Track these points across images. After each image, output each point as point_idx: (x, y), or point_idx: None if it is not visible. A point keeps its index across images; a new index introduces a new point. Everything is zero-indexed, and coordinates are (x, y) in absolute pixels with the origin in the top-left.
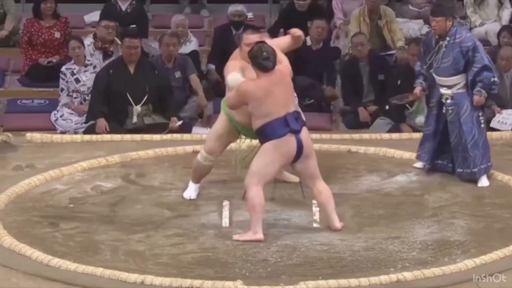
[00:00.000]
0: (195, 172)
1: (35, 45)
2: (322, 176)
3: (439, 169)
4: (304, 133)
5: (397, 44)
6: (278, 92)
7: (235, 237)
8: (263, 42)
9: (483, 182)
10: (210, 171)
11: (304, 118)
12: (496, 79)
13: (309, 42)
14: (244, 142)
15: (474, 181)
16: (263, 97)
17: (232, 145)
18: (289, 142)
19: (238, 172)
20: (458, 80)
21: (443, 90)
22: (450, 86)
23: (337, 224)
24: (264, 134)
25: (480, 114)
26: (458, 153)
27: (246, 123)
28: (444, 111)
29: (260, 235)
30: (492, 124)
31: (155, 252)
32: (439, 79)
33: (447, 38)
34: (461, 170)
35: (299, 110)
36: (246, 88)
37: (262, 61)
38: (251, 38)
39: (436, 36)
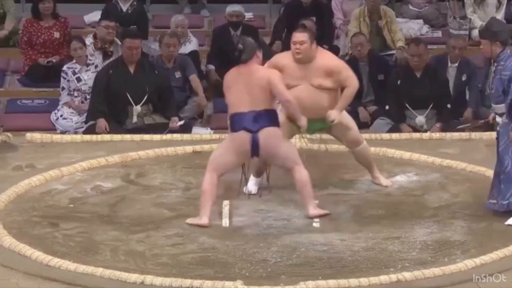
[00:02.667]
0: (252, 166)
1: (35, 45)
2: (322, 176)
3: None
4: (264, 134)
5: (397, 44)
6: (243, 87)
7: (187, 221)
8: (252, 36)
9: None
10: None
11: (279, 119)
12: None
13: None
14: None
15: (503, 212)
16: (227, 86)
17: None
18: (242, 140)
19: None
20: (504, 109)
21: (497, 118)
22: (500, 114)
23: (311, 211)
24: (228, 123)
25: None
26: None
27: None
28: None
29: (204, 220)
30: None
31: (155, 252)
32: (492, 105)
33: (495, 64)
34: (494, 201)
35: (276, 111)
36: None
37: (236, 51)
38: (297, 36)
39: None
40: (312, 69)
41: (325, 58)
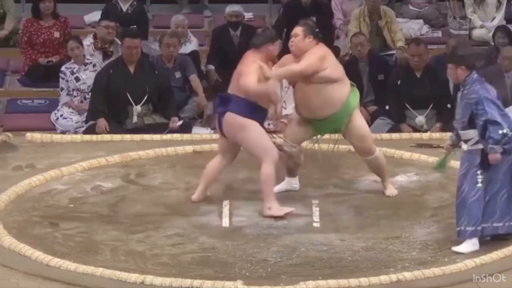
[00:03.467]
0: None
1: (35, 45)
2: (322, 176)
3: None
4: (226, 117)
5: (397, 44)
6: (236, 70)
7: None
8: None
9: (461, 247)
10: (298, 160)
11: (244, 108)
12: (505, 130)
13: None
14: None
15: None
16: None
17: None
18: (216, 119)
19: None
20: (472, 135)
21: (462, 145)
22: (466, 140)
23: (266, 211)
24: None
25: (479, 172)
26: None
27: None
28: None
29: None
30: None
31: (155, 252)
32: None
33: (462, 88)
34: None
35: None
36: None
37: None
38: (295, 29)
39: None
40: None
41: (312, 51)
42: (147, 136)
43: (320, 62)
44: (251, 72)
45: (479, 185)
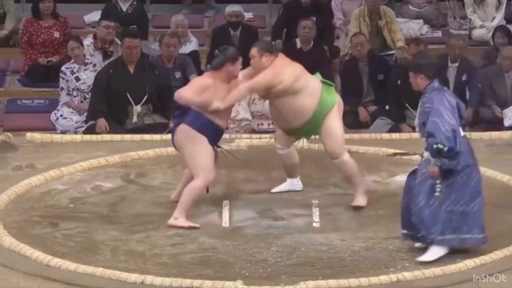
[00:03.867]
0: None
1: (35, 45)
2: (322, 176)
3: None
4: (178, 129)
5: (397, 44)
6: None
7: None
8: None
9: (426, 256)
10: (291, 160)
11: (195, 121)
12: (440, 145)
13: (298, 45)
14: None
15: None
16: None
17: None
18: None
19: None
20: None
21: (424, 152)
22: (426, 148)
23: (171, 219)
24: None
25: (438, 181)
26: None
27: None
28: None
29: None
30: (506, 124)
31: (155, 252)
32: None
33: (422, 96)
34: (405, 232)
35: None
36: None
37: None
38: (251, 50)
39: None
40: None
41: (266, 70)
42: (147, 136)
43: (271, 78)
44: (191, 84)
45: (437, 194)
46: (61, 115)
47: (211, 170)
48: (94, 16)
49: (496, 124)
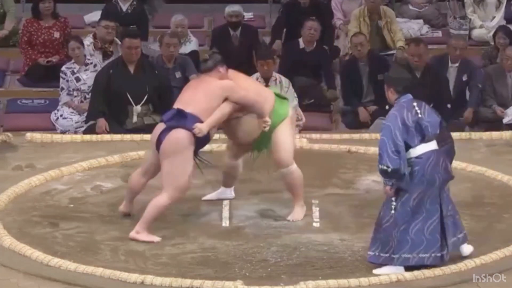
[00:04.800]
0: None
1: (35, 45)
2: (321, 176)
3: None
4: (172, 133)
5: (397, 44)
6: (190, 91)
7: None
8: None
9: (382, 270)
10: (234, 173)
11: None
12: (384, 167)
13: (301, 45)
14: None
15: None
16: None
17: None
18: (156, 128)
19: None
20: None
21: None
22: None
23: (133, 232)
24: None
25: (393, 199)
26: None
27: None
28: None
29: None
30: (505, 121)
31: (155, 252)
32: None
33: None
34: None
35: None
36: None
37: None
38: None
39: None
40: None
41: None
42: (147, 136)
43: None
44: (236, 89)
45: (392, 211)
46: (61, 115)
47: (184, 188)
48: (94, 16)
49: (497, 124)
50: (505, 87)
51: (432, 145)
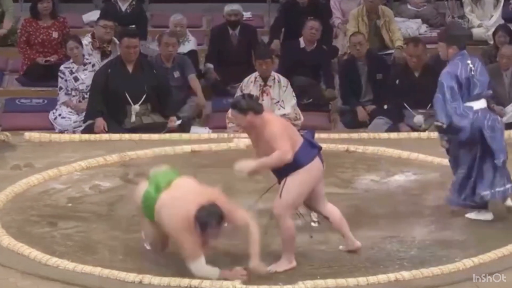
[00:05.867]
0: None
1: (33, 44)
2: None
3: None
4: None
5: (395, 43)
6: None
7: (271, 268)
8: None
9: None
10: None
11: None
12: (438, 123)
13: (302, 44)
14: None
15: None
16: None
17: None
18: (318, 162)
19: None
20: None
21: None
22: None
23: (357, 243)
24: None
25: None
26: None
27: None
28: None
29: (294, 263)
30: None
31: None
32: None
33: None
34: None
35: None
36: None
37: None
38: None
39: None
40: None
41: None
42: (145, 136)
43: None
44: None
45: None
46: (59, 115)
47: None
48: (92, 15)
49: None
50: (502, 86)
51: (481, 104)
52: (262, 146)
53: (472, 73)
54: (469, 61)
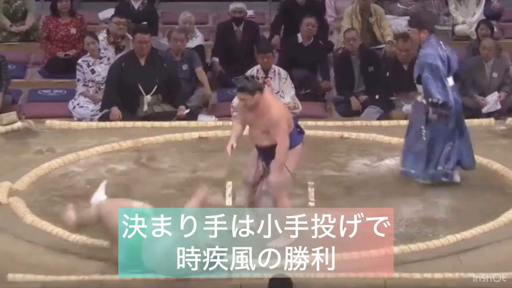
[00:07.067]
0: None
1: (53, 40)
2: (317, 159)
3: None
4: None
5: (386, 39)
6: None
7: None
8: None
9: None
10: None
11: None
12: (433, 99)
13: (300, 39)
14: None
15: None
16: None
17: None
18: (301, 145)
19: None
20: (421, 89)
21: (418, 96)
22: (419, 92)
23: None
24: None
25: (423, 127)
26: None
27: None
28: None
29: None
30: (484, 111)
31: None
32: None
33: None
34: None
35: None
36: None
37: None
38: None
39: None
40: None
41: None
42: (156, 123)
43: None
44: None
45: (424, 138)
46: (77, 104)
47: None
48: (107, 13)
49: (475, 112)
50: (484, 77)
51: (451, 80)
52: (259, 125)
53: (446, 52)
54: (441, 42)
